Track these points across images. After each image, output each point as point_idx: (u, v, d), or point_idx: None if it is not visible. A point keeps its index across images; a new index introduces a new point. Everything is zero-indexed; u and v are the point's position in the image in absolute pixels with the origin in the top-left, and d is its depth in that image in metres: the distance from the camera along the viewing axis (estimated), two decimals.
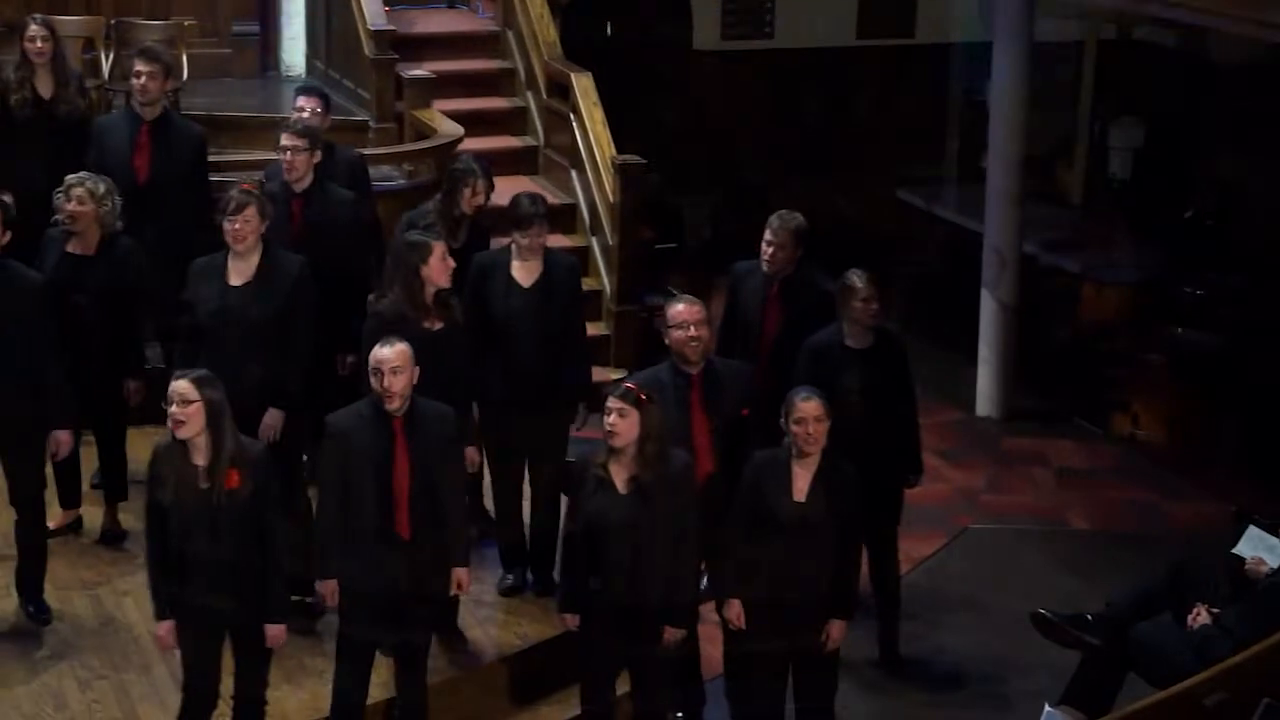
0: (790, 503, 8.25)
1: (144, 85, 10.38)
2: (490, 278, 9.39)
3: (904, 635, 10.04)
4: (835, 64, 17.28)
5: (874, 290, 9.35)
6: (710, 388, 8.74)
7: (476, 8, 15.63)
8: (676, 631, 8.23)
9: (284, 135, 9.78)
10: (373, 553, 7.98)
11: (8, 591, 9.28)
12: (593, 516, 8.08)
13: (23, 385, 8.92)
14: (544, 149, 14.22)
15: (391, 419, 7.95)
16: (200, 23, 15.11)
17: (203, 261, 9.16)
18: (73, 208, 9.41)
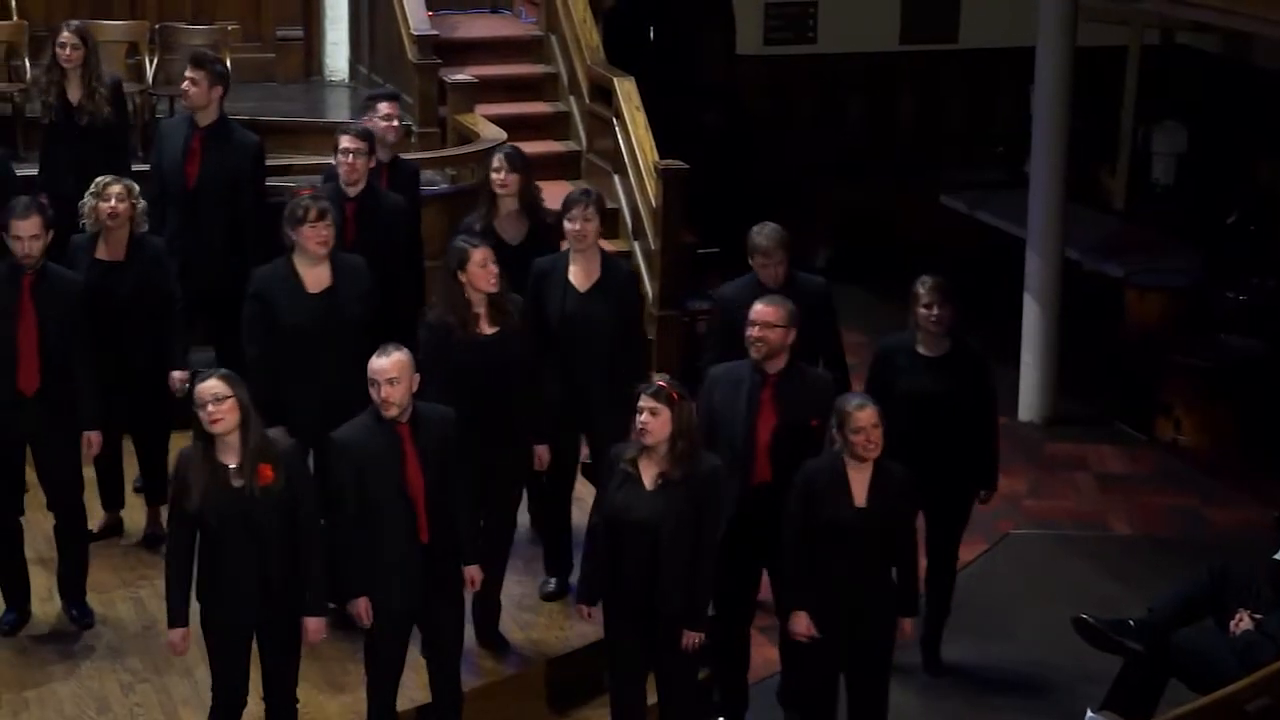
0: (852, 509, 8.24)
1: (186, 91, 10.42)
2: (548, 280, 9.41)
3: (945, 639, 10.02)
4: (878, 69, 17.28)
5: (937, 297, 9.31)
6: (784, 389, 8.70)
7: (519, 12, 15.65)
8: (694, 635, 8.20)
9: (344, 138, 9.79)
10: (395, 560, 7.97)
11: (50, 595, 9.33)
12: (616, 510, 8.08)
13: (60, 389, 8.97)
14: (586, 154, 14.23)
15: (396, 426, 7.95)
16: (244, 27, 15.17)
17: (268, 270, 9.14)
18: (112, 206, 9.44)
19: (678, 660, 8.23)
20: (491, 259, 8.79)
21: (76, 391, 9.03)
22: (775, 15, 17.09)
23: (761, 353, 8.66)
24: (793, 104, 17.31)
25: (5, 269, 8.98)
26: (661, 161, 12.93)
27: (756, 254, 9.43)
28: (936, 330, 9.36)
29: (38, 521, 9.29)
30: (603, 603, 8.30)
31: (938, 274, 9.43)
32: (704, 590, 8.19)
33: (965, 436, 9.47)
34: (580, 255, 9.37)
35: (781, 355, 8.71)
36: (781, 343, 8.68)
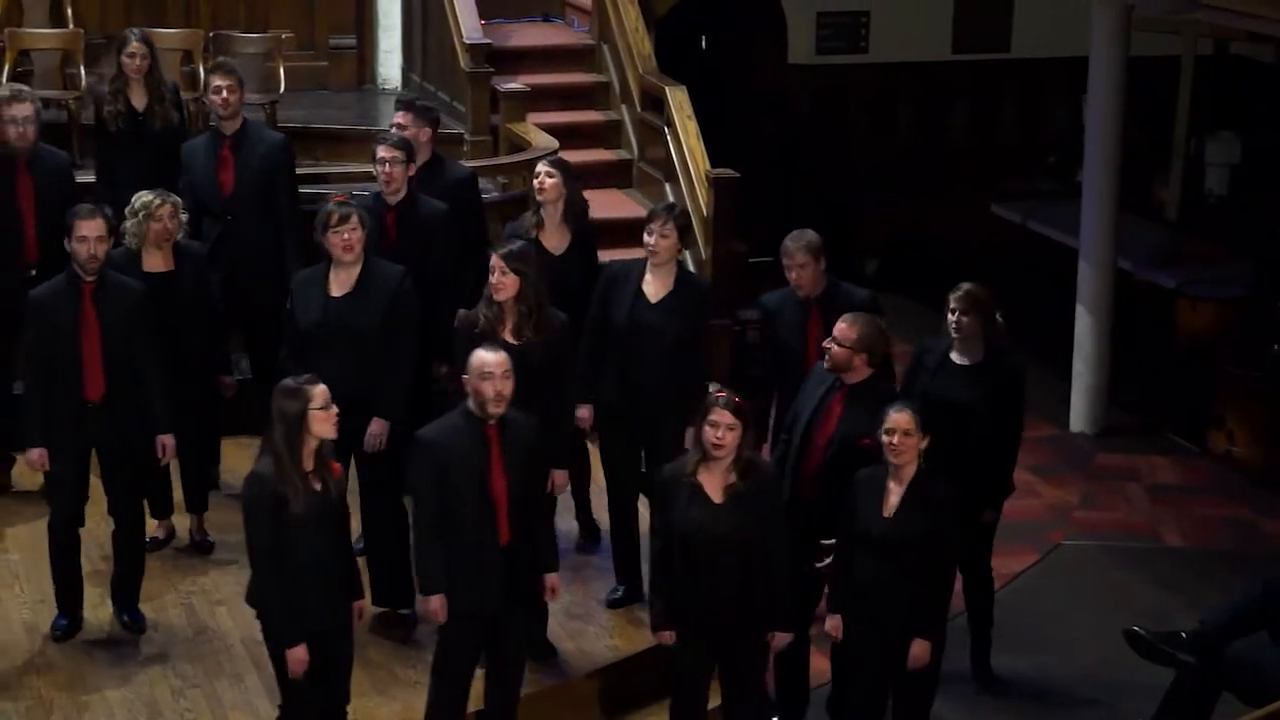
0: (879, 519, 8.23)
1: (225, 99, 10.42)
2: (619, 286, 9.42)
3: (997, 650, 9.98)
4: (930, 78, 17.25)
5: (962, 304, 9.27)
6: (854, 401, 8.69)
7: (572, 21, 15.67)
8: (784, 636, 8.22)
9: (381, 148, 9.83)
10: (474, 563, 7.98)
11: (102, 601, 9.37)
12: (690, 528, 8.05)
13: (125, 396, 9.02)
14: (638, 162, 14.24)
15: (485, 427, 7.97)
16: (298, 35, 15.23)
17: (305, 273, 9.25)
18: (167, 225, 9.49)
19: (750, 665, 8.23)
20: (501, 267, 8.73)
21: (144, 397, 9.07)
22: (827, 25, 17.08)
23: (828, 365, 8.72)
24: (844, 113, 17.29)
25: (65, 280, 9.03)
26: (713, 170, 12.93)
27: (783, 257, 9.44)
28: (960, 337, 9.33)
29: (90, 528, 9.32)
30: None
31: (976, 283, 9.38)
32: (787, 590, 8.18)
33: (984, 449, 9.40)
34: (656, 267, 9.38)
35: (860, 370, 8.72)
36: (847, 362, 8.70)
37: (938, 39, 17.22)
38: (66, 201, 9.81)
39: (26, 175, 10.14)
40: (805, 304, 9.40)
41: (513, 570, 8.05)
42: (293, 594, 7.69)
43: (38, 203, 10.12)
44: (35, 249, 10.12)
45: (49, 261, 9.82)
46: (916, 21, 17.13)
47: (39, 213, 10.10)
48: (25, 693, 8.73)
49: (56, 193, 10.12)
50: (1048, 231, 15.86)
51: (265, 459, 7.68)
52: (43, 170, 10.20)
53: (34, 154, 10.18)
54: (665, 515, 8.18)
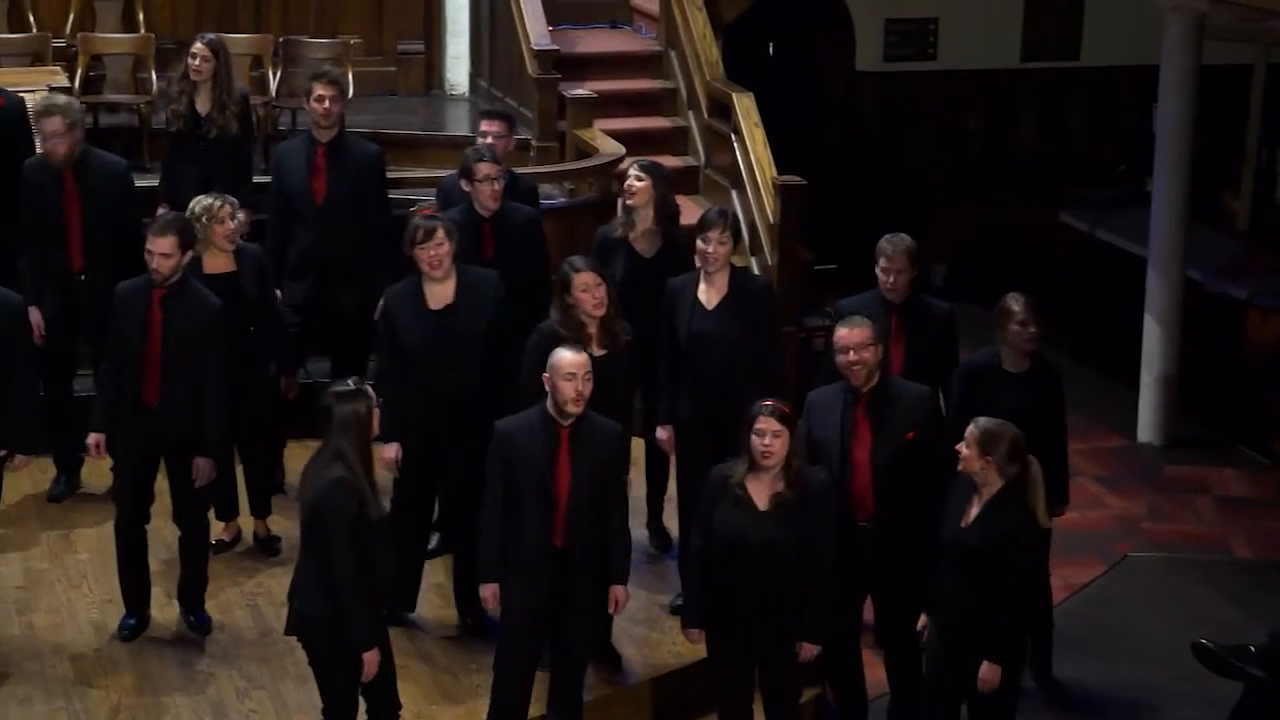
0: (956, 526, 8.20)
1: (327, 109, 10.43)
2: (679, 298, 9.42)
3: (1062, 661, 9.93)
4: (998, 86, 17.19)
5: (1031, 314, 9.24)
6: (878, 406, 8.64)
7: (639, 28, 15.69)
8: (813, 647, 8.20)
9: (484, 165, 9.80)
10: (527, 558, 8.01)
11: (169, 601, 9.42)
12: (732, 534, 8.04)
13: (181, 403, 9.06)
14: (705, 169, 14.24)
15: (558, 428, 7.97)
16: (366, 41, 15.30)
17: (398, 288, 9.22)
18: (230, 226, 9.54)
19: (787, 676, 8.23)
20: (595, 282, 8.78)
21: (201, 413, 9.09)
22: (895, 32, 17.03)
23: (861, 377, 8.59)
24: (912, 121, 17.24)
25: (144, 281, 9.08)
26: (780, 177, 12.91)
27: (880, 257, 9.38)
28: (1028, 348, 9.29)
29: (156, 529, 9.38)
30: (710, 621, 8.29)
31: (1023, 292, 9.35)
32: (823, 604, 8.17)
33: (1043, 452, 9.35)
34: (710, 274, 9.36)
35: (875, 373, 8.65)
36: (877, 360, 8.62)
37: (1007, 46, 17.15)
38: (122, 206, 9.87)
39: (72, 182, 10.19)
40: (890, 310, 9.33)
41: (567, 573, 8.05)
42: (373, 598, 7.73)
43: (84, 209, 10.16)
44: (80, 256, 10.18)
45: (98, 267, 9.88)
46: (985, 29, 17.07)
47: (85, 219, 10.15)
48: (93, 692, 8.79)
49: (108, 198, 10.16)
50: (1116, 240, 15.77)
51: (339, 464, 7.65)
52: (92, 177, 10.22)
53: (81, 161, 10.20)
54: (708, 517, 8.17)
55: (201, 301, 9.14)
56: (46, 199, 10.18)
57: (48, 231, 10.22)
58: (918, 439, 8.63)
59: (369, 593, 7.69)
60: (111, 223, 10.02)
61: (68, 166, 10.14)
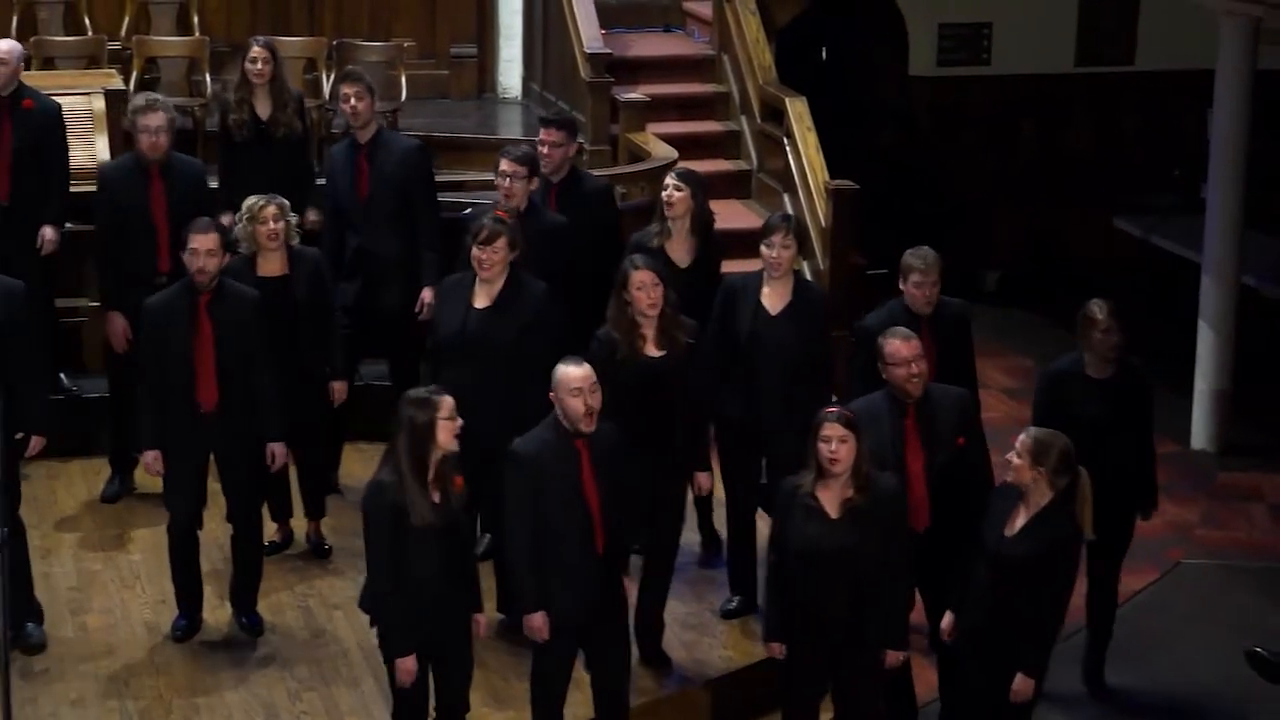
0: (999, 535, 8.17)
1: (354, 108, 10.46)
2: (739, 299, 9.41)
3: (1114, 667, 9.89)
4: (1052, 91, 17.13)
5: (1114, 321, 9.21)
6: (925, 415, 8.63)
7: (692, 32, 15.68)
8: (898, 654, 8.18)
9: (504, 161, 9.85)
10: (573, 575, 7.98)
11: (221, 602, 9.45)
12: (806, 544, 8.01)
13: (242, 402, 9.10)
14: (757, 173, 14.23)
15: (574, 440, 7.96)
16: (419, 44, 15.33)
17: (453, 279, 9.26)
18: (271, 228, 9.56)
19: (862, 684, 8.18)
20: (653, 281, 8.79)
21: (258, 405, 9.14)
22: (949, 36, 16.98)
23: (920, 389, 8.55)
24: (965, 125, 17.19)
25: (181, 289, 9.12)
26: (832, 182, 12.91)
27: (913, 273, 9.33)
28: (1112, 354, 9.26)
29: (209, 530, 9.41)
30: None
31: (1109, 297, 9.32)
32: (903, 609, 8.15)
33: (1126, 459, 9.34)
34: (775, 279, 9.35)
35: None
36: (926, 370, 8.61)
37: (1060, 51, 17.08)
38: (201, 210, 9.92)
39: (160, 183, 10.25)
40: (918, 322, 9.25)
41: (610, 578, 8.06)
42: (408, 604, 7.70)
43: (170, 211, 10.22)
44: (168, 258, 10.22)
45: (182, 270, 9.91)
46: (1039, 33, 17.00)
47: (172, 221, 10.20)
48: (145, 692, 8.83)
49: (191, 201, 10.22)
50: (1170, 246, 15.71)
51: (388, 468, 7.68)
52: (176, 179, 10.30)
53: (167, 162, 10.28)
54: (782, 529, 8.14)
55: (241, 298, 9.19)
56: (134, 200, 10.24)
57: (131, 233, 10.27)
58: (966, 444, 8.62)
59: (401, 599, 7.68)
60: None
61: (157, 164, 10.21)
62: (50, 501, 10.64)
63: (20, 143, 10.64)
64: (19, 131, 10.64)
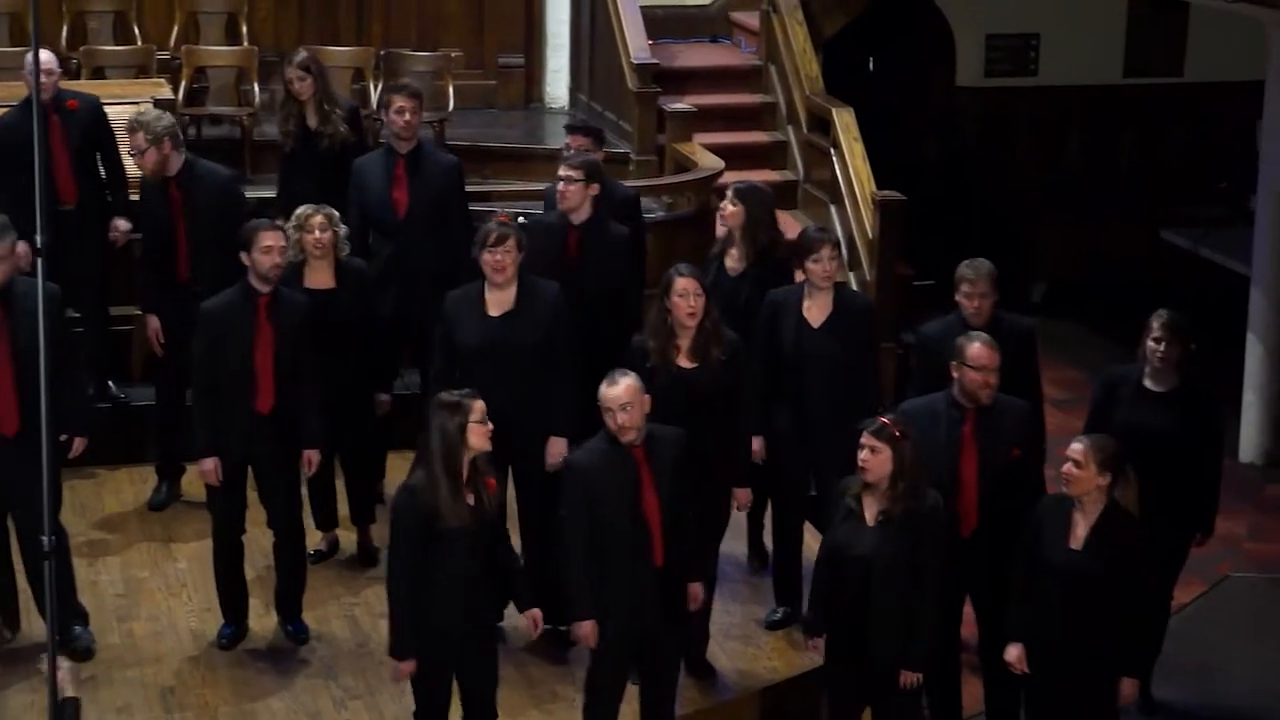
0: (1064, 549, 8.13)
1: (408, 121, 10.46)
2: (782, 314, 9.41)
3: (1162, 680, 9.84)
4: (1099, 102, 17.09)
5: (1167, 333, 9.15)
6: (985, 424, 8.62)
7: (739, 42, 15.69)
8: (912, 675, 8.12)
9: (562, 166, 9.87)
10: (629, 586, 7.98)
11: (266, 610, 9.47)
12: (838, 545, 8.05)
13: (290, 409, 9.13)
14: (803, 183, 14.22)
15: (631, 449, 7.97)
16: (467, 54, 15.34)
17: (458, 293, 9.23)
18: (317, 237, 9.58)
19: (895, 700, 8.15)
20: (695, 290, 8.75)
21: (301, 411, 9.17)
22: (996, 47, 16.96)
23: (988, 397, 8.56)
24: (1012, 137, 17.17)
25: (238, 292, 9.15)
26: (879, 192, 12.89)
27: (962, 284, 9.33)
28: (1162, 366, 9.21)
29: (254, 538, 9.44)
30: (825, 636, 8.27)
31: (1175, 310, 9.27)
32: (924, 630, 8.08)
33: (1185, 476, 9.28)
34: (817, 292, 9.36)
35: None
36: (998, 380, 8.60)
37: (1109, 62, 17.05)
38: (227, 217, 9.95)
39: (177, 194, 10.30)
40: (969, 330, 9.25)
41: (668, 590, 8.05)
42: (431, 609, 7.71)
43: (189, 221, 10.27)
44: (187, 267, 10.31)
45: (206, 278, 9.96)
46: (1087, 45, 16.97)
47: (190, 231, 10.27)
48: (190, 700, 8.85)
49: (213, 209, 10.26)
50: (1219, 258, 15.64)
51: (419, 471, 7.70)
52: (197, 187, 10.32)
53: (184, 173, 10.31)
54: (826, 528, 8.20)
55: (295, 302, 9.24)
56: (158, 208, 10.33)
57: (160, 242, 10.35)
58: (1021, 456, 8.59)
59: (416, 601, 7.68)
60: (217, 233, 10.07)
61: (168, 178, 10.25)
62: (98, 509, 10.68)
63: (77, 141, 10.79)
64: (73, 131, 10.78)
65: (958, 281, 9.34)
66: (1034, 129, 17.14)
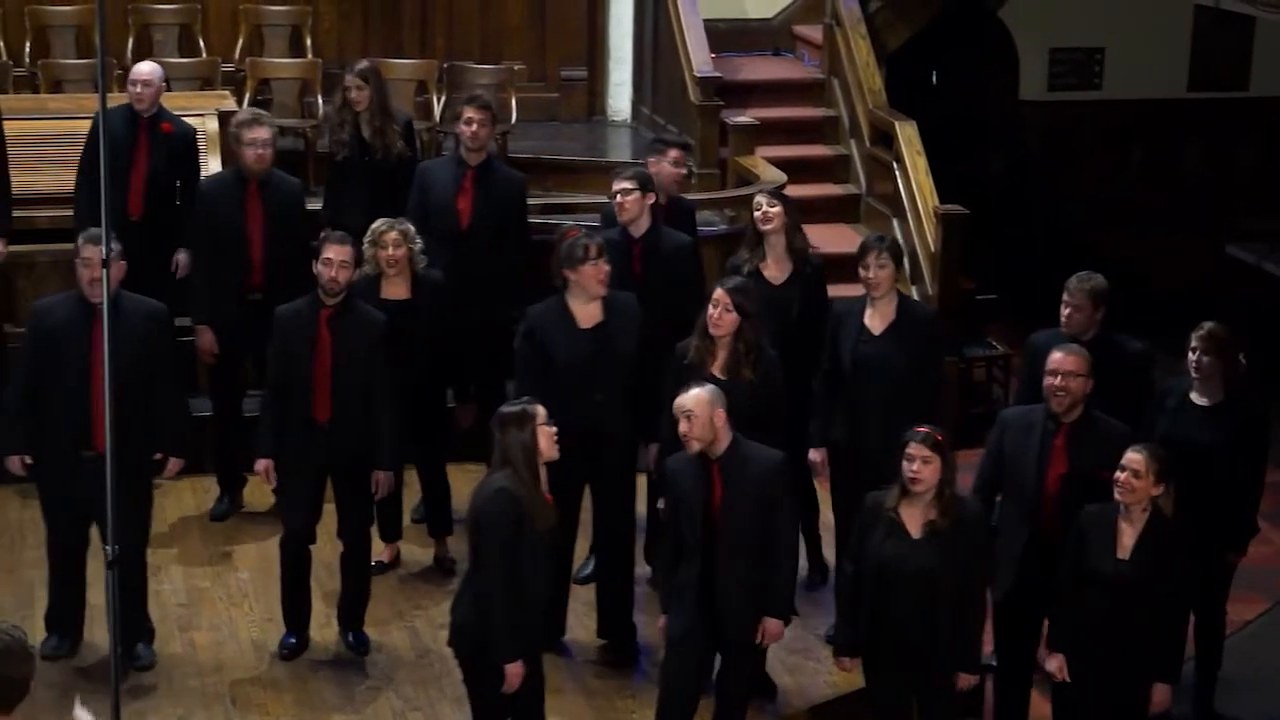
0: (1111, 559, 8.12)
1: (475, 133, 10.53)
2: (844, 324, 9.42)
3: (1224, 697, 9.78)
4: (1164, 116, 17.02)
5: (1203, 344, 9.10)
6: (1078, 438, 8.58)
7: (802, 55, 15.67)
8: (969, 677, 8.14)
9: (617, 180, 9.90)
10: (690, 593, 8.02)
11: (328, 621, 9.50)
12: (885, 561, 8.01)
13: (352, 420, 9.15)
14: (866, 197, 14.20)
15: (710, 461, 7.98)
16: (530, 67, 15.37)
17: (539, 308, 9.24)
18: (390, 253, 9.63)
19: (946, 706, 8.16)
20: (726, 303, 8.76)
21: (375, 427, 9.19)
22: (1061, 61, 16.93)
23: (1064, 404, 8.54)
24: (1075, 150, 17.12)
25: (307, 301, 9.20)
26: (941, 206, 12.86)
27: (1064, 294, 9.32)
28: (1203, 378, 9.16)
29: (317, 549, 9.46)
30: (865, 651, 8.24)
31: (1218, 323, 9.21)
32: (977, 633, 8.13)
33: (1225, 491, 9.19)
34: (876, 300, 9.35)
35: (1079, 404, 8.59)
36: (1083, 391, 8.56)
37: (1173, 76, 16.99)
38: (295, 228, 9.99)
39: (258, 199, 10.34)
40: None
41: (727, 606, 8.04)
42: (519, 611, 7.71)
43: (266, 227, 10.33)
44: (261, 272, 10.34)
45: (274, 285, 9.99)
46: (1152, 58, 16.92)
47: (267, 237, 10.32)
48: (252, 710, 8.88)
49: (286, 219, 10.32)
50: None
51: (504, 476, 7.67)
52: (274, 195, 10.41)
53: (268, 178, 10.38)
54: (862, 542, 8.15)
55: (367, 320, 9.25)
56: (230, 214, 10.35)
57: (226, 248, 10.38)
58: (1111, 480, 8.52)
59: (519, 605, 7.68)
60: (287, 242, 10.11)
61: (258, 179, 10.31)
62: (160, 519, 10.68)
63: (156, 166, 10.79)
64: (156, 155, 10.78)
65: (1063, 293, 9.34)
66: (1098, 143, 17.09)
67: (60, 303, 9.03)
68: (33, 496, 9.43)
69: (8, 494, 10.66)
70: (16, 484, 9.86)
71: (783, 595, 8.21)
